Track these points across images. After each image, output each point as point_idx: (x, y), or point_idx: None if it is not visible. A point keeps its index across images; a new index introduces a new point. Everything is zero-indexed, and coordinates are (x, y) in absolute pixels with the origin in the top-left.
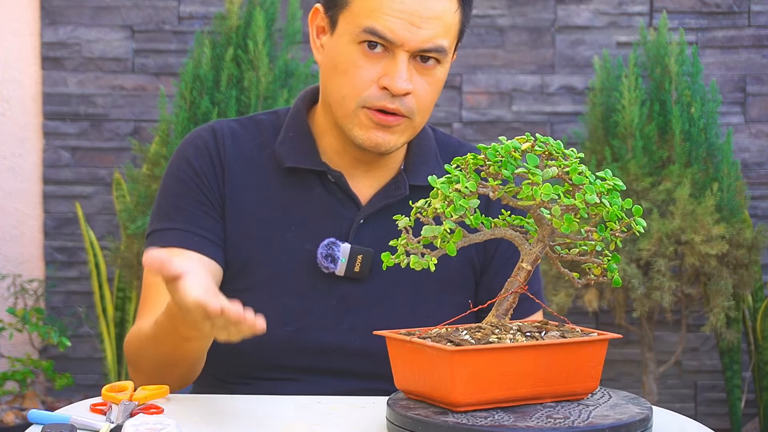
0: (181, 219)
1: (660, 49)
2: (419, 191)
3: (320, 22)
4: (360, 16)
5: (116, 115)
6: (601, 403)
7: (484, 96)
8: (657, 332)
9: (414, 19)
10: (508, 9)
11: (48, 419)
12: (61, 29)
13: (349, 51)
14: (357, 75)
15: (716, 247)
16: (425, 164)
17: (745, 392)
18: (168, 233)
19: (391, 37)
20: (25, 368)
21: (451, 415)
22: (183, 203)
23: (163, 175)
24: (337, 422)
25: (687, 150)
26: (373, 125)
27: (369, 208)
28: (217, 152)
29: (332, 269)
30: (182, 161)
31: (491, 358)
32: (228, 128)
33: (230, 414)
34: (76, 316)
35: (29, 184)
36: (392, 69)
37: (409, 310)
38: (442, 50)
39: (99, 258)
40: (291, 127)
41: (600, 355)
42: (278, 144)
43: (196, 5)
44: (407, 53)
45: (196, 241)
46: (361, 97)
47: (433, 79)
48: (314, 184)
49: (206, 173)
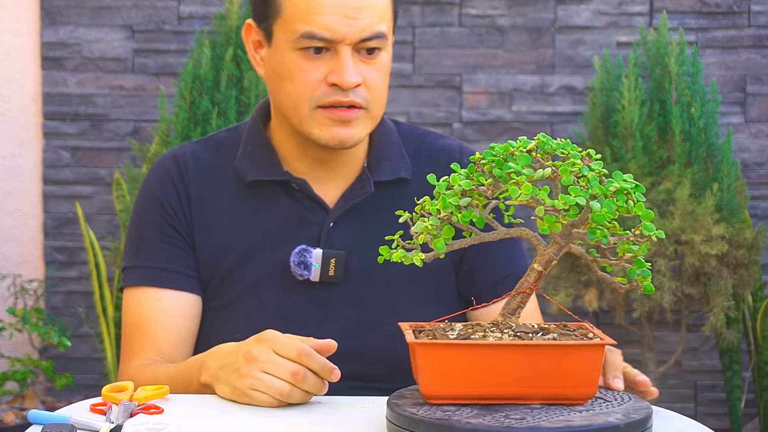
0: (150, 255)
1: (660, 49)
2: (384, 186)
3: (255, 37)
4: (294, 22)
5: (116, 115)
6: (599, 404)
7: (484, 96)
8: (657, 332)
9: (348, 11)
10: (508, 9)
11: (48, 419)
12: (61, 29)
13: (290, 58)
14: (304, 79)
15: (716, 247)
16: (388, 159)
17: (745, 392)
18: (138, 271)
19: (330, 36)
20: (25, 368)
21: (450, 415)
22: (150, 238)
23: (134, 205)
24: (337, 422)
25: (687, 150)
26: (332, 123)
27: (337, 211)
28: (180, 179)
29: (307, 276)
30: (148, 195)
31: (461, 353)
32: (189, 152)
33: (230, 414)
34: (76, 316)
35: (29, 184)
36: (338, 65)
37: (389, 308)
38: (382, 35)
39: (99, 258)
40: (249, 140)
41: (594, 361)
42: (238, 159)
43: (196, 5)
44: (349, 47)
45: (166, 277)
46: (313, 98)
47: (379, 66)
48: (280, 194)
49: (171, 203)
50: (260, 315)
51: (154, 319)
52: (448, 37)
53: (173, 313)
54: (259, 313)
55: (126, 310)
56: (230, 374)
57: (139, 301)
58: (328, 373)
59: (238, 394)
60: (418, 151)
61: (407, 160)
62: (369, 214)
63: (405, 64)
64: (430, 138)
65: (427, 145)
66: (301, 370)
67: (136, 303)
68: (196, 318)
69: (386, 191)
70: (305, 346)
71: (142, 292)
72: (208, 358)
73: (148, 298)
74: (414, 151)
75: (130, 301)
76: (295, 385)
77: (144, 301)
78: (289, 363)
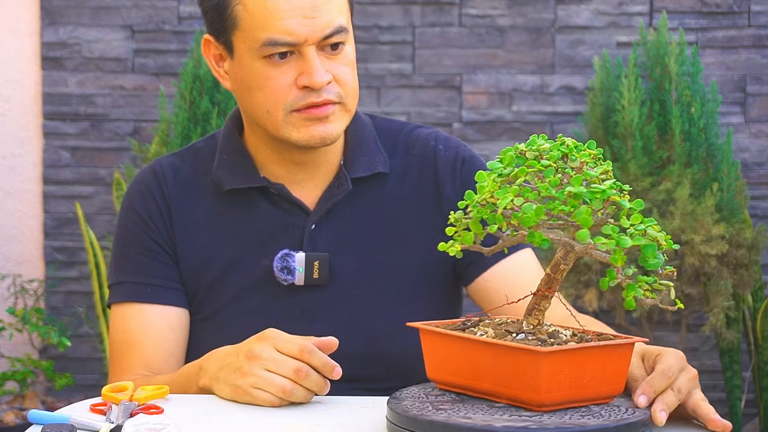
0: (134, 271)
1: (660, 49)
2: (363, 183)
3: (215, 51)
4: (254, 32)
5: (116, 115)
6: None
7: (484, 96)
8: (657, 332)
9: (306, 11)
10: (508, 9)
11: (48, 419)
12: (61, 29)
13: (255, 68)
14: (273, 86)
15: (716, 247)
16: (363, 155)
17: (745, 392)
18: (123, 287)
19: (293, 39)
20: (25, 368)
21: (450, 414)
22: (133, 254)
23: (116, 222)
24: (337, 422)
25: (687, 150)
26: (310, 122)
27: (317, 212)
28: (160, 192)
29: (291, 280)
30: (129, 211)
31: (445, 343)
32: (168, 164)
33: (230, 414)
34: (76, 316)
35: (29, 184)
36: (306, 67)
37: (375, 308)
38: (343, 29)
39: (99, 258)
40: (225, 149)
41: (557, 367)
42: (215, 169)
43: (196, 5)
44: (313, 46)
45: (150, 292)
46: (286, 104)
47: (345, 60)
48: (259, 200)
49: (152, 218)
50: (247, 323)
51: (142, 335)
52: (448, 37)
53: (161, 328)
54: (245, 321)
55: (113, 327)
56: (231, 374)
57: (124, 317)
58: (330, 371)
59: (239, 393)
60: (395, 143)
61: (384, 153)
62: (350, 213)
63: (405, 64)
64: (406, 129)
65: (403, 137)
66: (304, 367)
67: (122, 319)
68: (183, 331)
69: (365, 188)
70: (307, 343)
71: (127, 309)
72: (206, 362)
73: (135, 314)
74: (391, 144)
75: (116, 317)
76: (297, 382)
77: (130, 317)
78: (291, 360)
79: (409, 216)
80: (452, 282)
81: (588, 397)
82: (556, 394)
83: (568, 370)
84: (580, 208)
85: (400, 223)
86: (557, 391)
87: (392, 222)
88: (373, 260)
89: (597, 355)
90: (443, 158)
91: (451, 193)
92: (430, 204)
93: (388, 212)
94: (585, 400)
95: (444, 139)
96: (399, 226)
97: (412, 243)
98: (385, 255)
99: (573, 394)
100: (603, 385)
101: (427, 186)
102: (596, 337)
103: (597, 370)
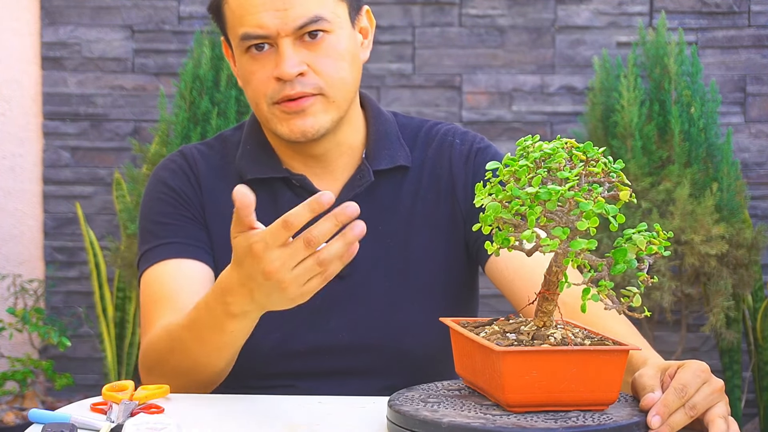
0: (170, 233)
1: (659, 49)
2: (384, 175)
3: (229, 51)
4: (235, 27)
5: (116, 115)
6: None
7: (484, 96)
8: (657, 332)
9: (278, 4)
10: (508, 9)
11: (48, 419)
12: (61, 29)
13: (242, 62)
14: (255, 79)
15: (716, 247)
16: (386, 148)
17: (745, 392)
18: (160, 248)
19: (265, 32)
20: (25, 368)
21: (449, 414)
22: (168, 220)
23: (141, 203)
24: (337, 422)
25: (687, 150)
26: (288, 116)
27: (338, 203)
28: (190, 170)
29: None
30: (159, 184)
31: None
32: (196, 151)
33: (230, 414)
34: (76, 316)
35: (29, 184)
36: (278, 59)
37: (393, 299)
38: (320, 19)
39: (99, 258)
40: (248, 140)
41: (521, 368)
42: (238, 158)
43: (196, 5)
44: (288, 38)
45: (191, 250)
46: (267, 96)
47: (328, 49)
48: (282, 191)
49: (185, 191)
50: (268, 312)
51: (177, 287)
52: (448, 37)
53: (197, 280)
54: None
55: (146, 289)
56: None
57: (161, 273)
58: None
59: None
60: (416, 138)
61: (406, 148)
62: (370, 205)
63: (405, 64)
64: (427, 125)
65: (424, 132)
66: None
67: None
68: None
69: (386, 180)
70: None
71: (164, 266)
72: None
73: (171, 269)
74: (412, 139)
75: (150, 278)
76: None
77: (167, 271)
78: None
79: (426, 209)
80: (467, 274)
81: (569, 402)
82: (523, 396)
83: (537, 372)
84: (534, 209)
85: (418, 216)
86: (524, 393)
87: (411, 215)
88: (392, 252)
89: (575, 360)
90: (458, 151)
91: (463, 182)
92: (445, 196)
93: (407, 205)
94: (566, 404)
95: (462, 133)
96: (417, 219)
97: (429, 236)
98: (404, 247)
99: (547, 398)
100: (588, 391)
101: (443, 179)
102: (582, 342)
103: (577, 375)
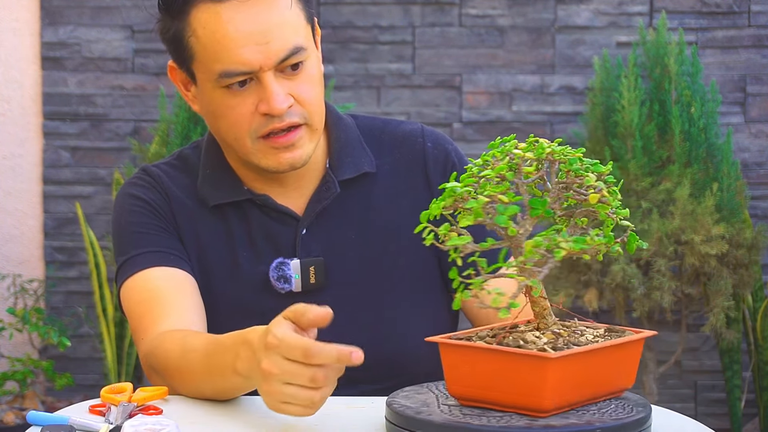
0: (150, 243)
1: (659, 49)
2: (350, 184)
3: (180, 77)
4: (209, 63)
5: (116, 115)
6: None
7: (484, 96)
8: (657, 332)
9: (257, 38)
10: (508, 9)
11: (47, 420)
12: (61, 29)
13: (216, 96)
14: (235, 115)
15: (716, 247)
16: (349, 156)
17: (745, 392)
18: (140, 257)
19: (248, 68)
20: (25, 368)
21: (449, 414)
22: (144, 230)
23: (112, 220)
24: (337, 422)
25: (687, 150)
26: (276, 151)
27: (307, 218)
28: (159, 186)
29: (288, 288)
30: (131, 198)
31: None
32: (159, 170)
33: (229, 414)
34: (76, 316)
35: (29, 184)
36: (264, 94)
37: (376, 310)
38: (299, 49)
39: (99, 258)
40: (207, 164)
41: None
42: (199, 185)
43: None
44: (270, 71)
45: (172, 259)
46: (250, 131)
47: (307, 78)
48: (251, 209)
49: (158, 202)
50: (245, 328)
51: (173, 290)
52: (448, 37)
53: (184, 286)
54: (243, 327)
55: (134, 296)
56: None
57: (147, 280)
58: (346, 360)
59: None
60: (381, 141)
61: (369, 153)
62: (340, 215)
63: (405, 64)
64: (391, 126)
65: (389, 134)
66: (318, 372)
67: (145, 282)
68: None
69: (353, 189)
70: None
71: (148, 273)
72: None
73: (156, 276)
74: (376, 143)
75: (136, 284)
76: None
77: (152, 278)
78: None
79: (401, 214)
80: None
81: (599, 395)
82: (562, 398)
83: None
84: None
85: (392, 221)
86: (564, 396)
87: (384, 221)
88: (369, 260)
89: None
90: (433, 157)
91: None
92: (422, 202)
93: (380, 211)
94: (596, 398)
95: (430, 134)
96: (391, 225)
97: (406, 241)
98: (380, 254)
99: (579, 397)
100: (614, 381)
101: (419, 184)
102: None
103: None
